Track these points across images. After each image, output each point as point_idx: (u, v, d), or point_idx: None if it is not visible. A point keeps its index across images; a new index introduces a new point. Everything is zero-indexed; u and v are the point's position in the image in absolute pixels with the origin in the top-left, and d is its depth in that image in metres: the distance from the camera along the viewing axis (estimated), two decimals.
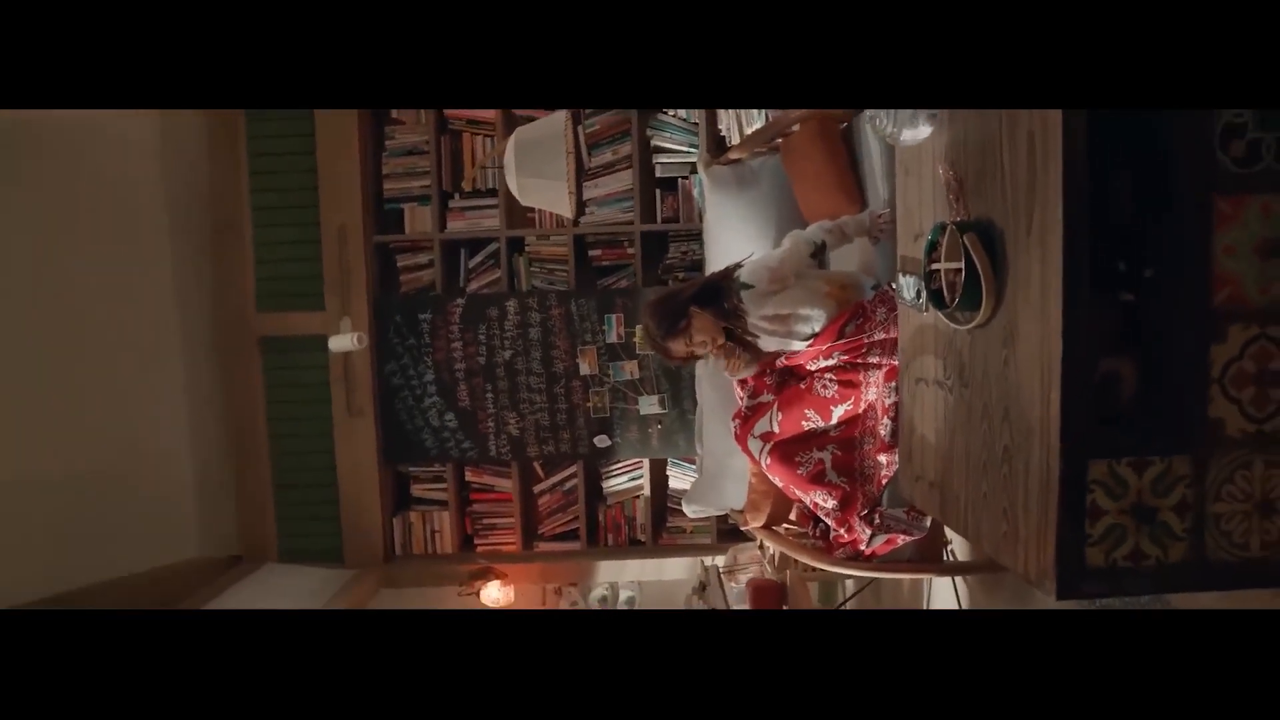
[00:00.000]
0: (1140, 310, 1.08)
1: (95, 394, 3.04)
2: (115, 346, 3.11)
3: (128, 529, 3.19)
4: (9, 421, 2.73)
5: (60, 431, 2.94)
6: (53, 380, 2.90)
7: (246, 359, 3.45)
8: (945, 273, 1.22)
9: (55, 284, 2.84)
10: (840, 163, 2.23)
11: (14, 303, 2.72)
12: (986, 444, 1.19)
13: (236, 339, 3.44)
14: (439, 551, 3.55)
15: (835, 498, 2.10)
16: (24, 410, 2.80)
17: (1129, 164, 1.03)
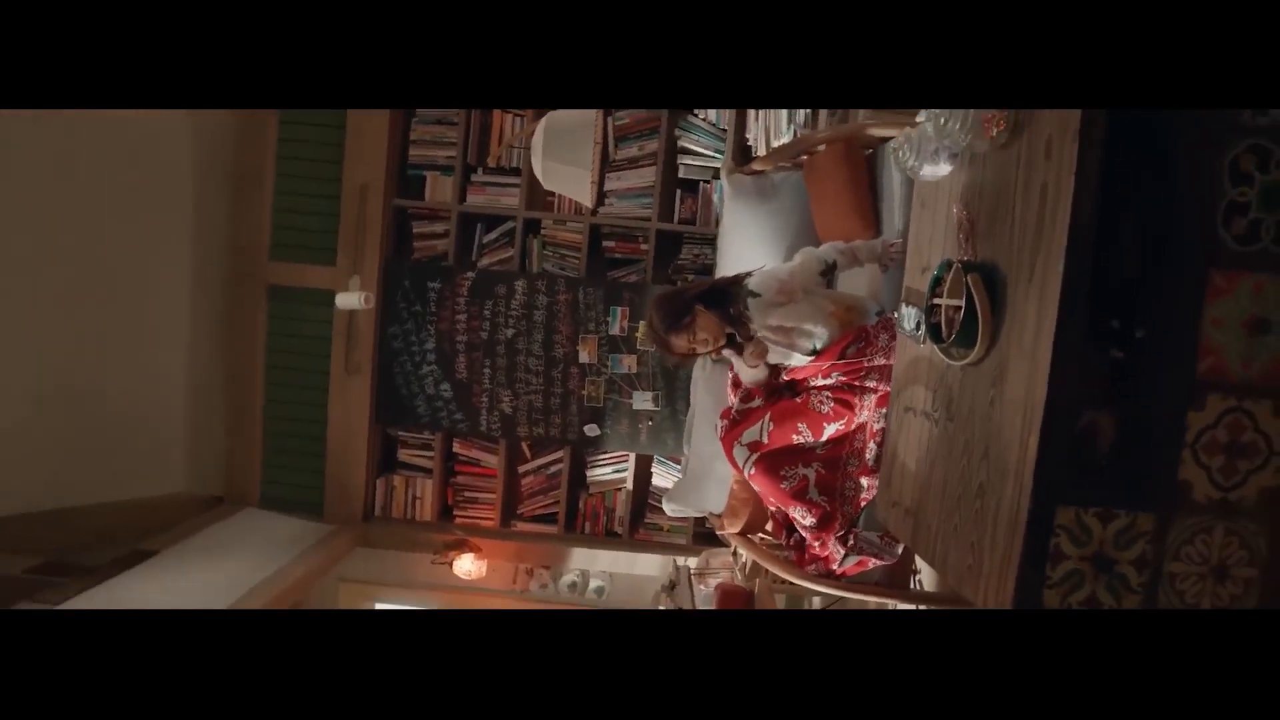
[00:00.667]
0: (1128, 368, 1.12)
1: (101, 317, 3.07)
2: (126, 275, 3.14)
3: (118, 455, 3.23)
4: (14, 330, 2.76)
5: (63, 347, 2.97)
6: (61, 297, 2.93)
7: (253, 304, 3.48)
8: (946, 308, 1.25)
9: (75, 206, 2.87)
10: (861, 188, 2.26)
11: (35, 222, 2.75)
12: (964, 478, 1.23)
13: (246, 284, 3.47)
14: (418, 518, 3.59)
15: (814, 516, 2.14)
16: (30, 322, 2.82)
17: (1135, 227, 1.07)
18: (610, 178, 3.36)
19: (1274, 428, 1.03)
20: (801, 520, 2.19)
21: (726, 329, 2.08)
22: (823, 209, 2.37)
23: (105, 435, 3.20)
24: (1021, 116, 1.16)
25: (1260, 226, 1.02)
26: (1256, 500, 1.04)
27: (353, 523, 3.55)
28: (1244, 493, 1.04)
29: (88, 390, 3.07)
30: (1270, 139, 1.01)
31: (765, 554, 2.38)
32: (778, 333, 2.06)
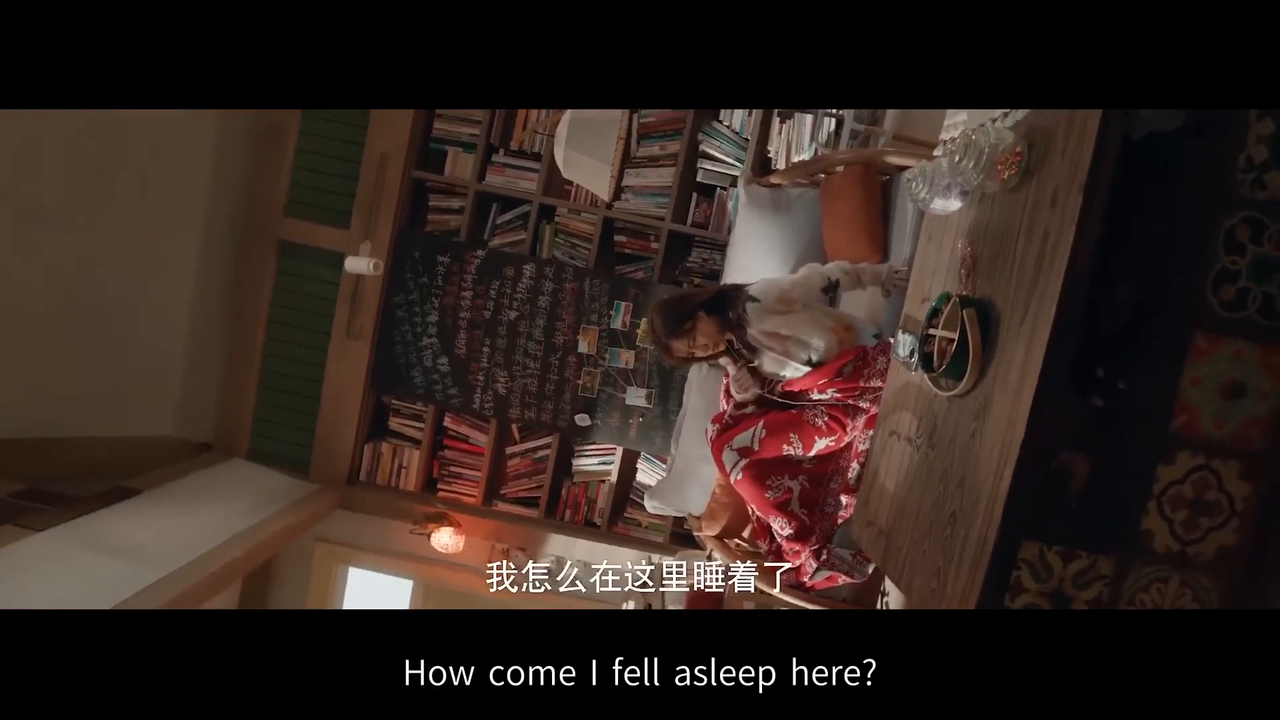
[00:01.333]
0: (1106, 416, 1.16)
1: (109, 253, 3.07)
2: (139, 213, 3.15)
3: (112, 391, 3.26)
4: (22, 254, 2.76)
5: (68, 277, 2.97)
6: (73, 228, 2.93)
7: (262, 258, 3.50)
8: (940, 339, 1.29)
9: (98, 137, 2.87)
10: (873, 212, 2.30)
11: (57, 145, 2.75)
12: (938, 505, 1.26)
13: (258, 237, 3.49)
14: (401, 486, 3.62)
15: (792, 527, 2.19)
16: (38, 248, 2.82)
17: (1128, 282, 1.11)
18: (629, 173, 3.39)
19: (1238, 489, 1.07)
20: (780, 530, 2.23)
21: (726, 335, 2.12)
22: (834, 229, 2.40)
23: (101, 370, 3.21)
24: (1033, 163, 1.20)
25: (1247, 295, 1.06)
26: (1213, 557, 1.08)
27: (336, 484, 3.58)
28: (1202, 548, 1.08)
29: (89, 323, 3.09)
30: (1266, 213, 1.05)
31: (739, 559, 2.42)
32: (772, 339, 2.09)
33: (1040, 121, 1.20)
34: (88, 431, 3.20)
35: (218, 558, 2.82)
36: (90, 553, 2.56)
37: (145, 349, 3.39)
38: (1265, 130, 1.05)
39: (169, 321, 3.47)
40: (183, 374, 3.57)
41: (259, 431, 3.64)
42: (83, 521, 2.73)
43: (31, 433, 3.03)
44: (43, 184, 2.78)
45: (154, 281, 3.33)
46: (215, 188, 3.39)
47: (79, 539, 2.63)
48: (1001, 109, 1.30)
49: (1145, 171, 1.12)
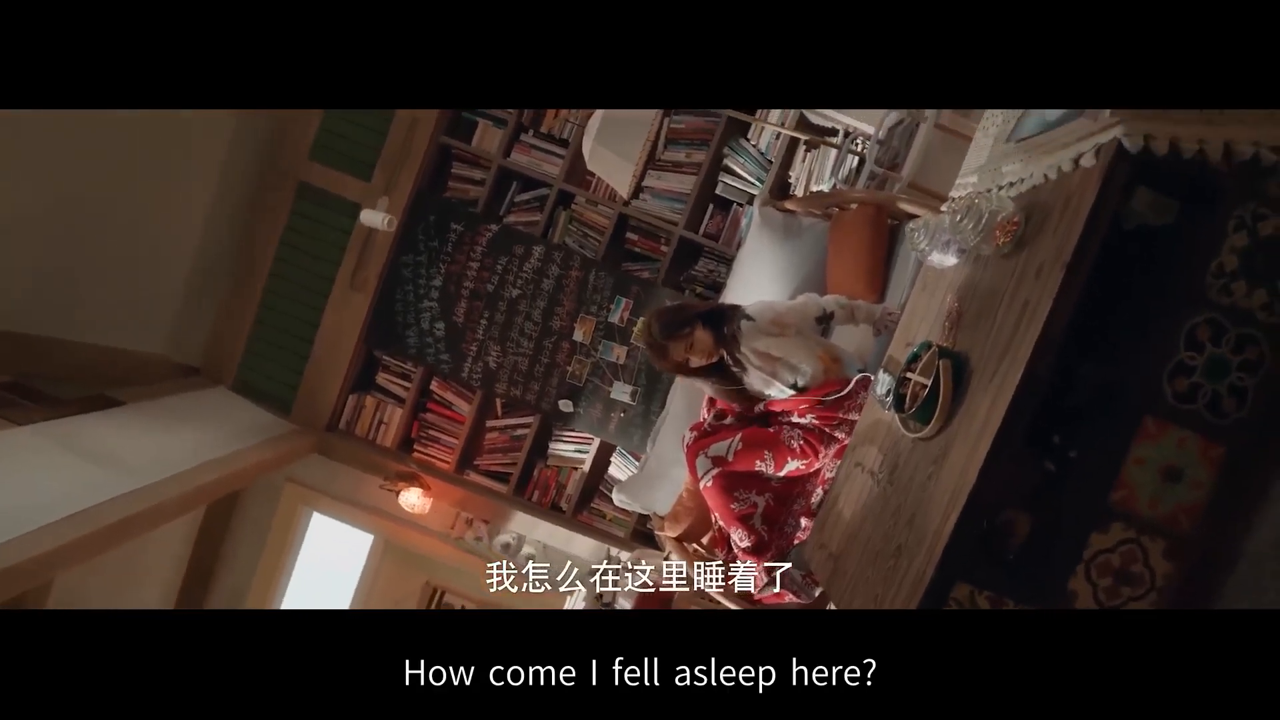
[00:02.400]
0: (1055, 480, 1.24)
1: (129, 161, 3.08)
2: (163, 131, 3.16)
3: (111, 300, 3.29)
4: (38, 149, 2.75)
5: (84, 180, 2.97)
6: (98, 132, 2.93)
7: (281, 196, 3.54)
8: (915, 384, 1.37)
9: None
10: (878, 253, 2.38)
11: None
12: (887, 537, 1.34)
13: (279, 175, 3.53)
14: (378, 441, 3.67)
15: (751, 541, 2.26)
16: (58, 144, 2.81)
17: (1093, 360, 1.19)
18: (651, 175, 3.45)
19: (1161, 566, 1.15)
20: (738, 542, 2.30)
21: (719, 350, 2.19)
22: (838, 263, 2.48)
23: (104, 280, 3.24)
24: (1027, 234, 1.28)
25: (1199, 391, 1.14)
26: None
27: (315, 429, 3.62)
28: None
29: (98, 234, 3.12)
30: (1228, 318, 1.13)
31: (693, 565, 2.49)
32: (762, 359, 2.16)
33: (1040, 197, 1.28)
34: (81, 336, 3.23)
35: (189, 480, 2.86)
36: (67, 454, 2.60)
37: (149, 267, 3.42)
38: (1240, 242, 1.13)
39: (177, 244, 3.50)
40: (182, 296, 3.60)
41: (247, 364, 3.68)
42: (63, 422, 2.77)
43: (25, 328, 3.05)
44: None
45: (169, 204, 3.36)
46: (242, 121, 3.42)
47: (57, 438, 2.67)
48: (1021, 108, 1.35)
49: (1128, 260, 1.20)
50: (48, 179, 2.86)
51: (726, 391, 2.29)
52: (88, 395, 3.05)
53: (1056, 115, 1.22)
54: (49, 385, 3.02)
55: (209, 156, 3.42)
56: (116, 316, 3.37)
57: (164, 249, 3.45)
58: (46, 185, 2.86)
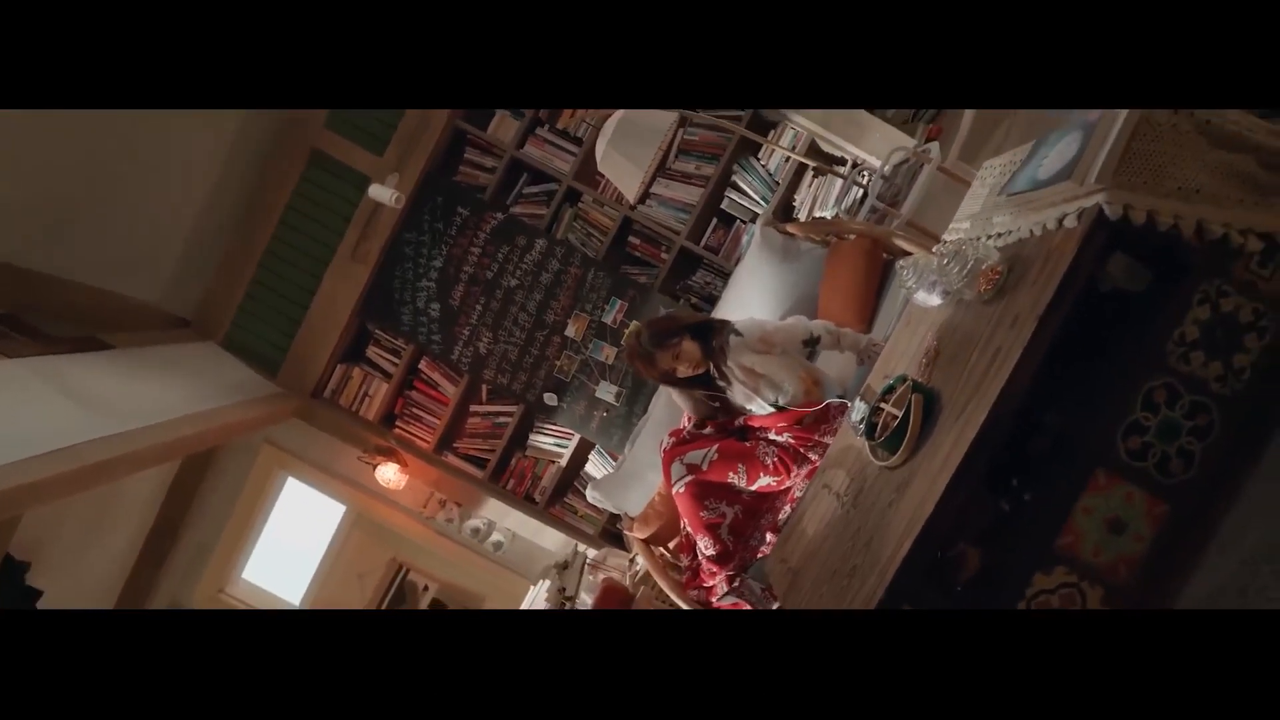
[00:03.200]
0: (1008, 520, 1.30)
1: (149, 113, 3.09)
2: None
3: (112, 244, 3.29)
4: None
5: (103, 121, 2.98)
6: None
7: (291, 161, 3.56)
8: (887, 414, 1.42)
9: None
10: (870, 285, 2.44)
11: None
12: (844, 558, 1.40)
13: (292, 139, 3.55)
14: (361, 413, 3.69)
15: (716, 550, 2.31)
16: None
17: (1053, 411, 1.25)
18: (660, 182, 3.51)
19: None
20: (704, 549, 2.35)
21: (706, 362, 2.24)
22: (830, 290, 2.54)
23: (109, 221, 3.25)
24: (1008, 284, 1.34)
25: (1150, 450, 1.21)
26: None
27: (300, 394, 3.64)
28: None
29: (109, 178, 3.13)
30: (1184, 384, 1.20)
31: (658, 567, 2.55)
32: (747, 374, 2.22)
33: (1024, 250, 1.34)
34: (77, 276, 3.24)
35: (169, 430, 2.88)
36: (51, 390, 2.62)
37: (155, 215, 3.43)
38: (1202, 315, 1.20)
39: (186, 195, 3.51)
40: (182, 248, 3.61)
41: (239, 323, 3.69)
42: (52, 359, 2.78)
43: (25, 262, 3.06)
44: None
45: (182, 155, 3.37)
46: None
47: (44, 375, 2.68)
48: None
49: (1099, 320, 1.26)
50: (66, 118, 2.87)
51: (707, 406, 2.34)
52: (79, 336, 3.06)
53: (1047, 175, 1.28)
54: (42, 321, 3.02)
55: (227, 113, 3.44)
56: (116, 261, 3.38)
57: (172, 199, 3.46)
58: (63, 124, 2.88)
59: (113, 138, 3.05)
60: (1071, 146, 1.23)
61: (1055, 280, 1.19)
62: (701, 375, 2.29)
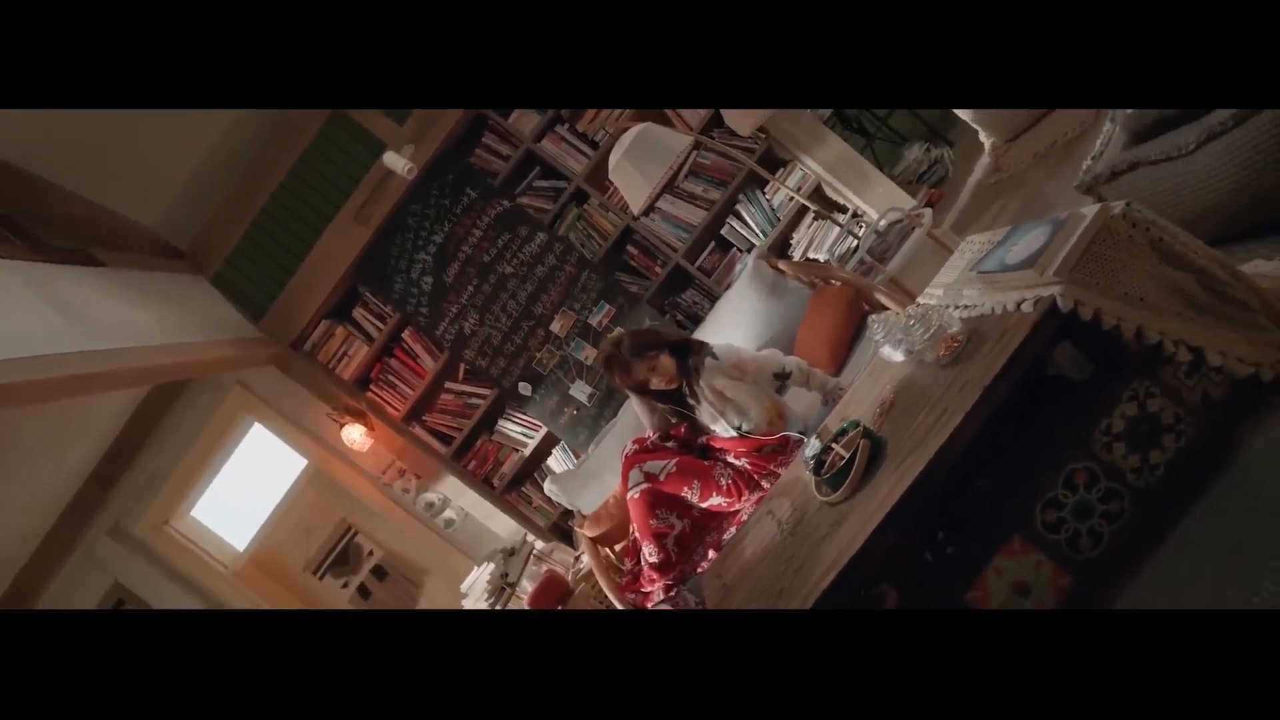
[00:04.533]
0: (928, 568, 1.40)
1: None
2: None
3: (118, 161, 3.30)
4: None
5: None
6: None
7: (312, 113, 3.60)
8: (836, 454, 1.52)
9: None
10: (846, 332, 2.55)
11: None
12: (775, 580, 1.49)
13: None
14: (337, 372, 3.73)
15: (659, 558, 2.39)
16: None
17: (983, 476, 1.36)
18: (665, 198, 3.61)
19: None
20: (647, 556, 2.43)
21: (679, 379, 2.33)
22: (809, 331, 2.65)
23: (120, 137, 3.25)
24: (965, 353, 1.45)
25: (1064, 525, 1.32)
26: None
27: (281, 342, 3.67)
28: None
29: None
30: (1103, 470, 1.31)
31: (601, 566, 2.62)
32: (716, 396, 2.31)
33: (984, 325, 1.45)
34: (81, 189, 3.25)
35: (146, 356, 2.91)
36: (37, 297, 2.64)
37: (167, 140, 3.45)
38: (1130, 411, 1.31)
39: (201, 126, 3.53)
40: (189, 178, 3.63)
41: (232, 262, 3.71)
42: (42, 267, 2.80)
43: (29, 165, 3.07)
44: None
45: None
46: None
47: (32, 281, 2.70)
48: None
49: (1039, 399, 1.37)
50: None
51: (666, 420, 2.43)
52: (73, 249, 3.07)
53: (1014, 260, 1.39)
54: (38, 227, 3.03)
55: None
56: (121, 179, 3.39)
57: (187, 127, 3.48)
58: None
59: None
60: (1039, 239, 1.35)
61: (1005, 356, 1.29)
62: (673, 391, 2.38)
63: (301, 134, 3.61)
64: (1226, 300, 1.28)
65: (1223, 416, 1.30)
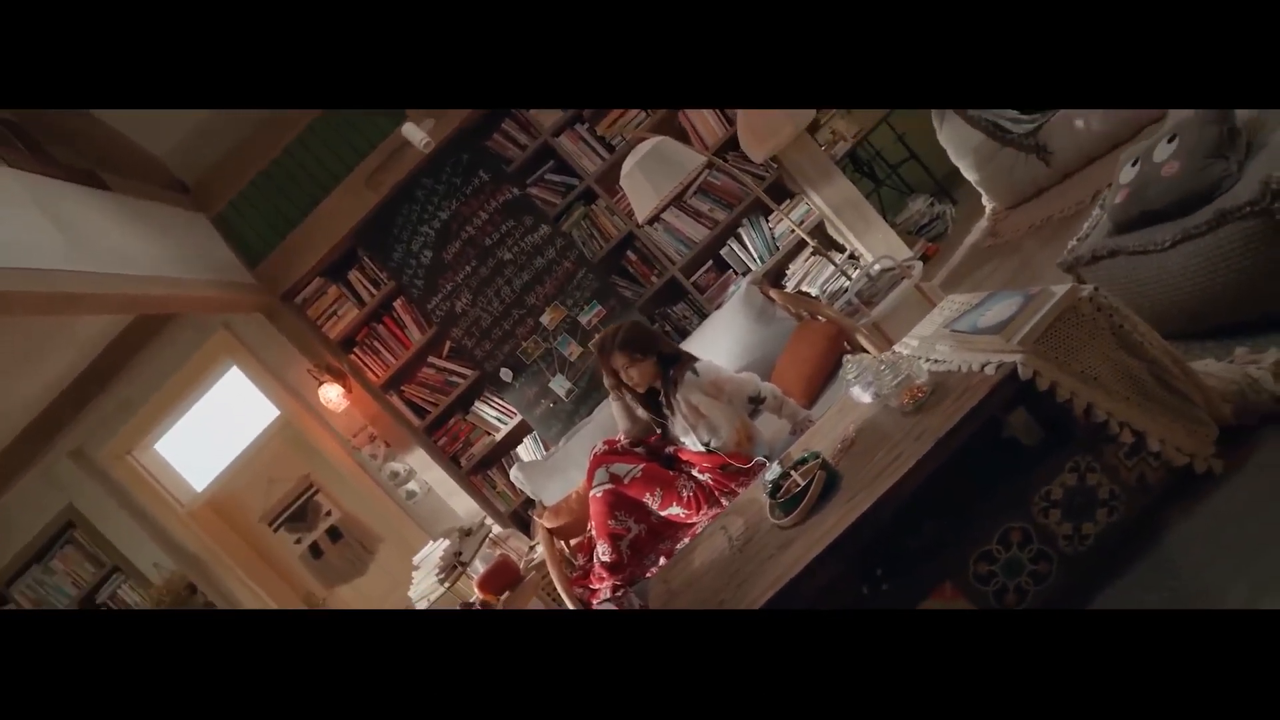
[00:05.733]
0: (862, 602, 1.47)
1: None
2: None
3: None
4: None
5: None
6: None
7: None
8: (792, 481, 1.59)
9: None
10: (825, 368, 2.63)
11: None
12: (717, 591, 1.55)
13: None
14: (324, 330, 3.76)
15: (611, 558, 2.45)
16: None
17: (927, 521, 1.43)
18: (671, 211, 3.68)
19: None
20: (600, 554, 2.49)
21: (655, 384, 2.40)
22: (788, 361, 2.72)
23: None
24: (928, 404, 1.52)
25: (993, 578, 1.39)
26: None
27: (272, 292, 3.69)
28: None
29: None
30: (1036, 532, 1.39)
31: (554, 558, 2.67)
32: (690, 410, 2.38)
33: (949, 380, 1.53)
34: (95, 107, 3.26)
35: (139, 284, 2.92)
36: (38, 210, 2.65)
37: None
38: (1070, 481, 1.39)
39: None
40: (206, 116, 3.63)
41: (237, 206, 3.73)
42: (47, 181, 2.81)
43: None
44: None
45: None
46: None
47: (35, 193, 2.71)
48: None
49: (987, 456, 1.45)
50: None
51: (645, 427, 2.49)
52: (80, 168, 3.08)
53: (985, 325, 1.47)
54: (49, 140, 3.04)
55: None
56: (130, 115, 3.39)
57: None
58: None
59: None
60: (1011, 307, 1.43)
61: (962, 412, 1.37)
62: (647, 396, 2.44)
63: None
64: (1173, 392, 1.37)
65: (1153, 500, 1.38)
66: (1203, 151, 1.63)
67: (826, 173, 3.63)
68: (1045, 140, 3.28)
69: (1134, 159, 1.82)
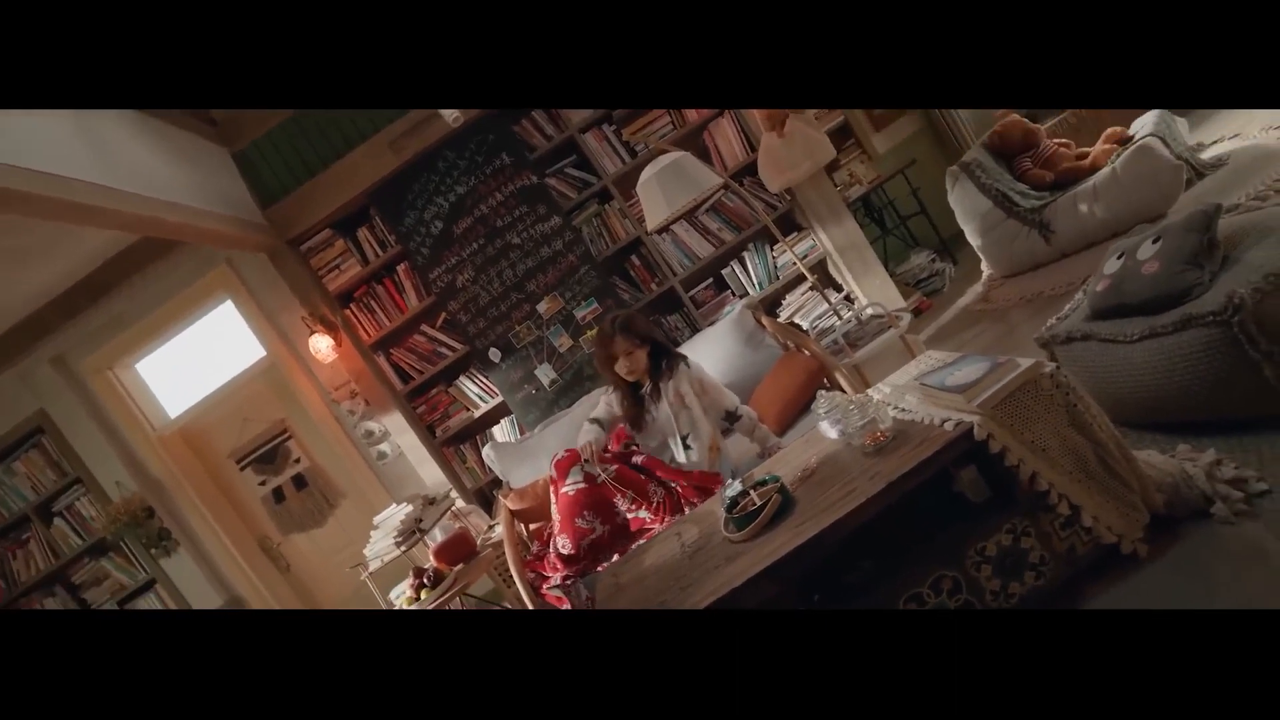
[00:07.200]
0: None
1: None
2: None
3: None
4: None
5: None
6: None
7: None
8: (749, 500, 1.67)
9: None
10: (800, 400, 2.72)
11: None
12: (660, 592, 1.63)
13: None
14: (325, 281, 3.81)
15: (570, 551, 2.52)
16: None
17: (873, 560, 1.51)
18: (679, 225, 3.76)
19: None
20: (560, 547, 2.56)
21: (645, 375, 2.49)
22: (768, 388, 2.81)
23: None
24: (888, 448, 1.61)
25: (923, 597, 1.47)
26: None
27: (279, 235, 3.74)
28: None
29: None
30: (966, 584, 1.47)
31: (512, 539, 2.74)
32: (678, 399, 2.49)
33: (912, 429, 1.62)
34: None
35: (153, 207, 2.97)
36: (65, 118, 2.69)
37: None
38: (1004, 541, 1.48)
39: None
40: None
41: (260, 146, 3.77)
42: (65, 112, 2.84)
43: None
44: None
45: None
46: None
47: None
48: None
49: (933, 505, 1.54)
50: None
51: (636, 413, 2.57)
52: None
53: (952, 384, 1.56)
54: None
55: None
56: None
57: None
58: None
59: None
60: (977, 371, 1.52)
61: (916, 461, 1.46)
62: (632, 388, 2.52)
63: None
64: (1113, 474, 1.46)
65: (1078, 571, 1.48)
66: (1181, 258, 1.73)
67: (837, 213, 3.73)
68: (1049, 218, 3.40)
69: (1120, 252, 1.92)
